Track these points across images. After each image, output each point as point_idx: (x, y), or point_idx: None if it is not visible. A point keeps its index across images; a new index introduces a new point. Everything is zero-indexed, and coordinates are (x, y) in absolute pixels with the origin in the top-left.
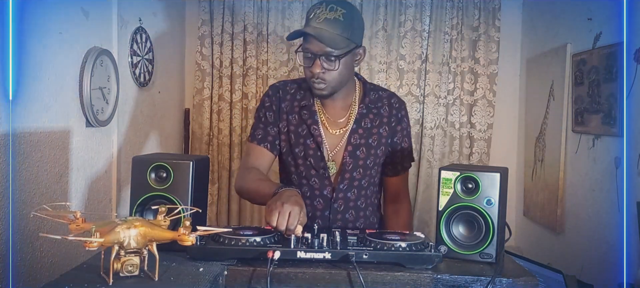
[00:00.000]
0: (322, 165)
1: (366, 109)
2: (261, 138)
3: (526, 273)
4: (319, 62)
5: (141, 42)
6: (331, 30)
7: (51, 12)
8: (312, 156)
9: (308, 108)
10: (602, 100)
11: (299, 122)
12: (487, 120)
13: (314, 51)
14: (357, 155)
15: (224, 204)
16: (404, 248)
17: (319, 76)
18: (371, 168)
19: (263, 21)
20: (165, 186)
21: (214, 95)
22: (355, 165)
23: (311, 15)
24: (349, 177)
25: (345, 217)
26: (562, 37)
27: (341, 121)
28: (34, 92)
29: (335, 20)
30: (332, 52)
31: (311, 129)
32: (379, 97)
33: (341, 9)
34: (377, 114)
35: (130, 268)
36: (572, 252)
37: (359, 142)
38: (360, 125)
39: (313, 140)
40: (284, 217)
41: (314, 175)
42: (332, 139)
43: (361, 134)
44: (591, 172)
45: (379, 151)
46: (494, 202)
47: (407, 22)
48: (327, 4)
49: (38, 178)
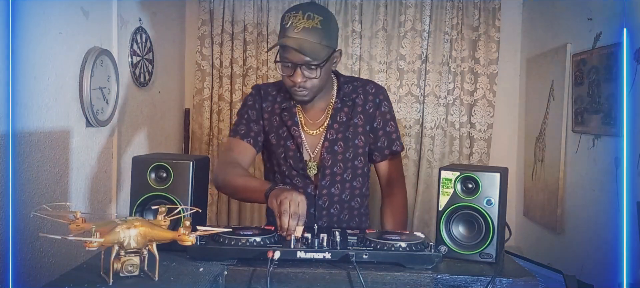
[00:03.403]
0: (301, 166)
1: (341, 103)
2: (244, 133)
3: (526, 273)
4: (299, 71)
5: (141, 42)
6: (311, 39)
7: (51, 12)
8: (292, 157)
9: (288, 110)
10: (602, 100)
11: (280, 124)
12: (487, 120)
13: (294, 61)
14: (335, 150)
15: (224, 204)
16: (404, 248)
17: (300, 85)
18: (352, 160)
19: (263, 21)
20: (165, 186)
21: (214, 95)
22: (334, 160)
23: (287, 24)
24: (329, 172)
25: (330, 212)
26: (562, 37)
27: (319, 120)
28: (34, 92)
29: (313, 28)
30: (313, 62)
31: (291, 130)
32: (353, 88)
33: (318, 16)
34: (352, 106)
35: (130, 268)
36: (572, 252)
37: (336, 137)
38: (335, 120)
39: (293, 142)
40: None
41: (296, 175)
42: (312, 139)
43: (337, 128)
44: (591, 172)
45: (358, 141)
46: (494, 202)
47: (407, 22)
48: (303, 12)
49: (38, 178)
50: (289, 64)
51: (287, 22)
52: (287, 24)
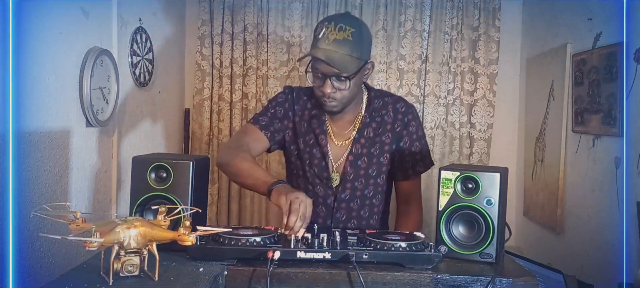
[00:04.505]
0: (325, 175)
1: (370, 118)
2: (265, 125)
3: (526, 273)
4: (329, 82)
5: (141, 42)
6: (341, 51)
7: (51, 11)
8: (317, 166)
9: (317, 118)
10: (602, 100)
11: (308, 130)
12: (487, 120)
13: (324, 72)
14: (358, 165)
15: (224, 204)
16: (404, 248)
17: (330, 95)
18: (374, 177)
19: (263, 21)
20: (165, 186)
21: (214, 95)
22: (356, 174)
23: (319, 34)
24: (350, 186)
25: (347, 226)
26: (562, 37)
27: (347, 132)
28: (34, 92)
29: (344, 40)
30: (342, 74)
31: (319, 139)
32: (384, 103)
33: (350, 27)
34: (380, 122)
35: (130, 268)
36: (572, 252)
37: (361, 151)
38: (363, 134)
39: (319, 150)
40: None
41: (318, 183)
42: (337, 150)
43: (363, 143)
44: (591, 172)
45: (383, 159)
46: (494, 202)
47: (407, 22)
48: (335, 23)
49: (38, 178)
50: (319, 75)
51: (320, 33)
52: (319, 35)
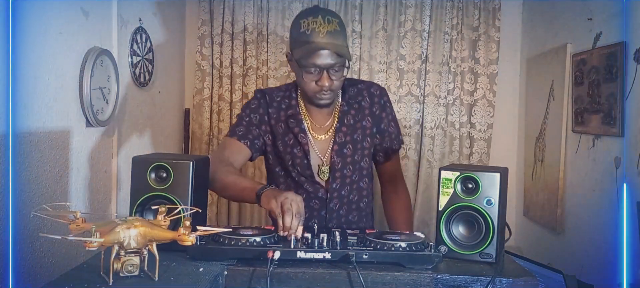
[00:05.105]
0: (309, 172)
1: (347, 105)
2: (242, 135)
3: (526, 273)
4: (326, 74)
5: (141, 42)
6: (338, 42)
7: (51, 12)
8: (300, 165)
9: (294, 117)
10: (602, 100)
11: (286, 130)
12: (487, 120)
13: (321, 65)
14: (344, 152)
15: (224, 204)
16: (404, 248)
17: (329, 88)
18: (359, 162)
19: (263, 21)
20: (165, 186)
21: (214, 95)
22: (343, 162)
23: (308, 30)
24: (340, 175)
25: (340, 213)
26: (562, 37)
27: (327, 124)
28: (34, 92)
29: (335, 31)
30: (342, 62)
31: (298, 137)
32: (358, 90)
33: (334, 18)
34: (358, 108)
35: (130, 268)
36: (572, 252)
37: (345, 139)
38: (343, 123)
39: (300, 149)
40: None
41: (305, 181)
42: (321, 144)
43: (345, 131)
44: (591, 172)
45: (366, 143)
46: (494, 202)
47: (407, 22)
48: (322, 16)
49: (38, 178)
50: (314, 70)
51: (307, 28)
52: (307, 30)
